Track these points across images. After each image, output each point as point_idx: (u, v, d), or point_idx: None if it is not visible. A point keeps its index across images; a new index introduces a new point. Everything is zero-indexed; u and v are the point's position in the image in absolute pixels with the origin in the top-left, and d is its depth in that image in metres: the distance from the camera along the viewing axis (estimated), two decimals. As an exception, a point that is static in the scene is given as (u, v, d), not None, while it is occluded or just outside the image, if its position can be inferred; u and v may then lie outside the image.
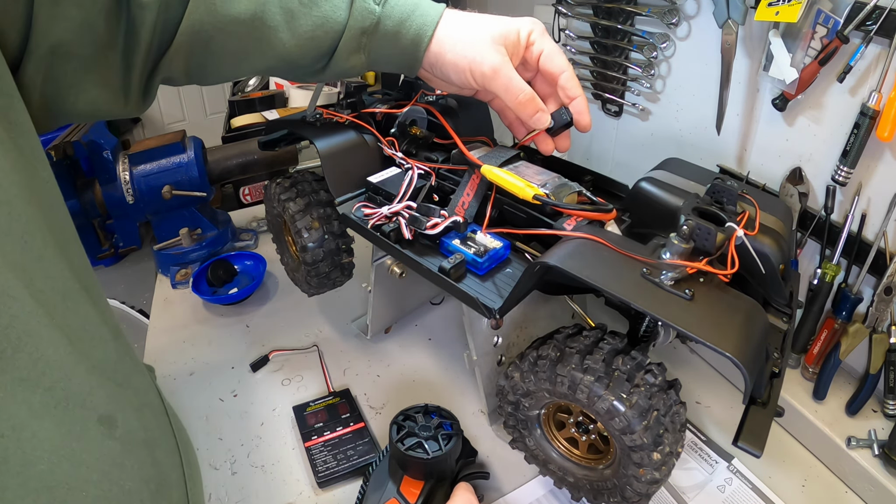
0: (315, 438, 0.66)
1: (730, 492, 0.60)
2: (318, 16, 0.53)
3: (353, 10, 0.54)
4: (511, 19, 0.57)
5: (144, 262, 1.09)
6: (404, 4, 0.55)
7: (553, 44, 0.58)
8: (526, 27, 0.56)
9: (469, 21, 0.56)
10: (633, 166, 0.86)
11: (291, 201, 0.68)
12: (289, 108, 1.30)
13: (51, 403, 0.32)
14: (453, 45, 0.55)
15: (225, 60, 0.53)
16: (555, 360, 0.49)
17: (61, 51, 0.42)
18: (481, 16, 0.57)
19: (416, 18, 0.55)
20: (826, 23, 0.54)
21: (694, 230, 0.45)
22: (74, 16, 0.42)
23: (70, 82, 0.45)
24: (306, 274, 0.72)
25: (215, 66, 0.53)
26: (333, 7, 0.53)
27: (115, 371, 0.39)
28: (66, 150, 0.93)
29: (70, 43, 0.42)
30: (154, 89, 0.52)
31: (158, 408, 0.47)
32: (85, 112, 0.47)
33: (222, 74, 0.56)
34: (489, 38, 0.55)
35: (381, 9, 0.55)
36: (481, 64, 0.54)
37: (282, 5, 0.51)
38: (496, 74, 0.54)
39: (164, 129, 1.67)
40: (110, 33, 0.45)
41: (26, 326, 0.31)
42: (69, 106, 0.46)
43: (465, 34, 0.55)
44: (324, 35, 0.54)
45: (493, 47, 0.54)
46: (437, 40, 0.56)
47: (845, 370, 0.68)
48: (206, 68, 0.53)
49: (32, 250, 0.34)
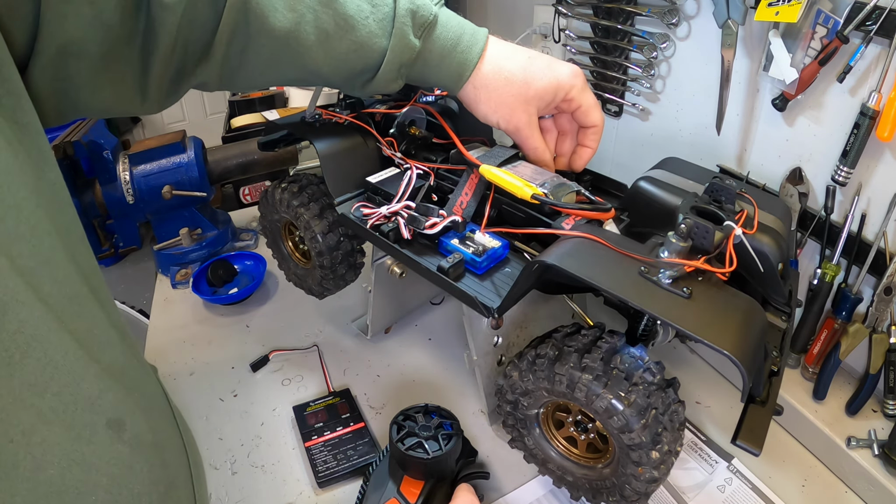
0: (315, 438, 0.66)
1: (730, 492, 0.60)
2: (354, 41, 0.52)
3: (392, 42, 0.52)
4: (553, 70, 0.55)
5: (144, 262, 1.09)
6: (446, 39, 0.54)
7: (591, 98, 0.58)
8: (565, 87, 0.56)
9: (509, 68, 0.55)
10: (632, 166, 0.86)
11: (304, 207, 0.68)
12: (289, 109, 1.30)
13: (59, 408, 0.32)
14: (488, 97, 0.56)
15: (258, 69, 0.52)
16: (553, 358, 0.49)
17: (73, 49, 0.41)
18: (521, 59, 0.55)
19: (456, 56, 0.54)
20: (826, 23, 0.54)
21: (692, 229, 0.45)
22: (86, 13, 0.40)
23: (82, 80, 0.43)
24: (321, 278, 0.72)
25: (248, 73, 0.52)
26: (370, 34, 0.52)
27: (123, 374, 0.39)
28: (66, 150, 0.94)
29: (81, 41, 0.41)
30: (182, 91, 0.51)
31: (165, 409, 0.47)
32: (98, 109, 0.47)
33: (255, 82, 0.55)
34: (523, 99, 0.55)
35: (421, 43, 0.53)
36: (508, 122, 0.57)
37: (317, 25, 0.50)
38: (518, 132, 0.58)
39: (164, 129, 1.67)
40: (127, 32, 0.43)
41: (34, 331, 0.31)
42: (82, 103, 0.45)
43: (501, 88, 0.55)
44: (357, 59, 0.53)
45: (524, 108, 0.56)
46: (474, 86, 0.56)
47: (845, 370, 0.68)
48: (239, 75, 0.52)
49: (40, 254, 0.34)
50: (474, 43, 0.55)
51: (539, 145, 0.58)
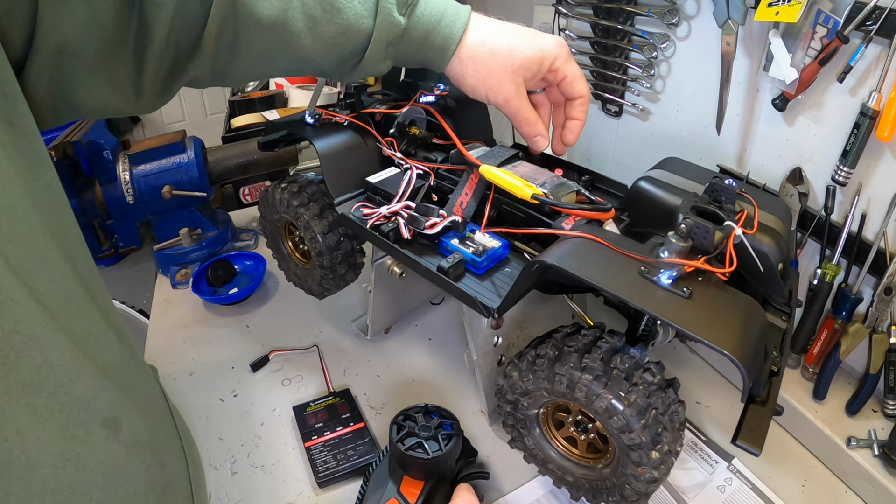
0: (315, 438, 0.66)
1: (730, 492, 0.60)
2: (341, 23, 0.52)
3: (377, 21, 0.53)
4: (536, 41, 0.56)
5: (144, 262, 1.09)
6: (430, 14, 0.55)
7: (576, 69, 0.58)
8: (550, 56, 0.56)
9: (493, 40, 0.56)
10: (632, 166, 0.86)
11: (304, 207, 0.68)
12: (289, 109, 1.30)
13: (55, 407, 0.32)
14: (475, 70, 0.56)
15: (249, 61, 0.53)
16: (553, 358, 0.49)
17: (69, 49, 0.41)
18: (505, 31, 0.56)
19: (441, 30, 0.55)
20: (826, 23, 0.54)
21: (692, 229, 0.45)
22: (81, 14, 0.41)
23: (78, 80, 0.44)
24: (322, 278, 0.72)
25: (239, 66, 0.53)
26: (357, 15, 0.52)
27: (120, 374, 0.39)
28: (66, 150, 0.94)
29: (77, 41, 0.42)
30: (175, 89, 0.51)
31: (163, 409, 0.47)
32: (94, 109, 0.47)
33: (247, 74, 0.55)
34: (510, 69, 0.55)
35: (406, 20, 0.54)
36: (496, 94, 0.57)
37: (304, 11, 0.51)
38: (507, 103, 0.57)
39: (164, 129, 1.66)
40: (121, 31, 0.44)
41: (30, 331, 0.31)
42: (78, 103, 0.45)
43: (487, 59, 0.55)
44: (346, 42, 0.53)
45: (511, 78, 0.56)
46: (460, 59, 0.56)
47: (845, 370, 0.68)
48: (231, 68, 0.52)
49: (36, 254, 0.34)
50: (458, 17, 0.55)
51: (530, 115, 0.58)
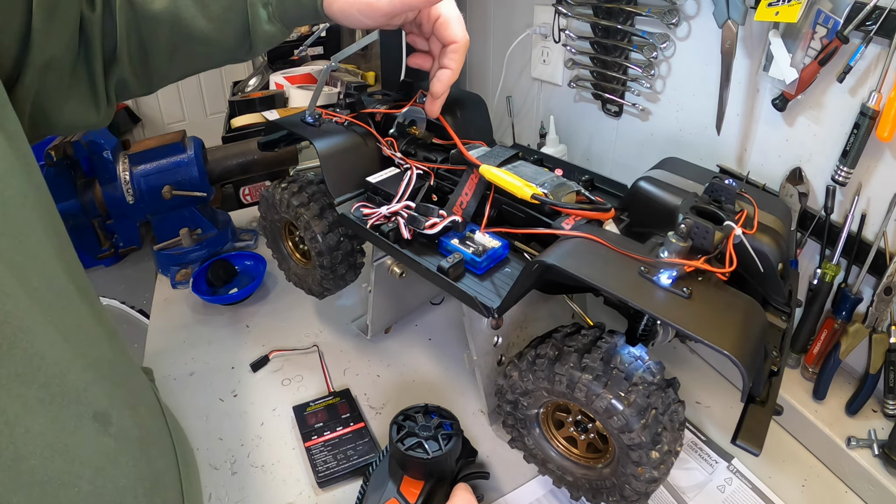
0: (315, 438, 0.66)
1: (730, 492, 0.60)
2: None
3: None
4: None
5: (144, 262, 1.09)
6: None
7: (453, 10, 0.57)
8: None
9: None
10: (632, 166, 0.86)
11: (304, 207, 0.68)
12: (289, 109, 1.30)
13: (45, 399, 0.32)
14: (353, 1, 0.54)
15: (162, 58, 0.55)
16: (553, 358, 0.49)
17: (53, 65, 0.46)
18: None
19: None
20: (826, 23, 0.54)
21: (692, 228, 0.45)
22: (63, 32, 0.46)
23: (58, 94, 0.48)
24: (322, 278, 0.72)
25: (154, 63, 0.55)
26: None
27: (111, 370, 0.40)
28: (66, 150, 0.94)
29: (60, 58, 0.47)
30: (117, 98, 0.55)
31: (154, 408, 0.47)
32: (68, 123, 0.51)
33: (166, 74, 0.57)
34: None
35: None
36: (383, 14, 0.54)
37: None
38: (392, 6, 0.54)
39: (164, 129, 1.66)
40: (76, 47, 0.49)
41: (21, 322, 0.32)
42: (54, 117, 0.50)
43: None
44: (235, 15, 0.55)
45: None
46: None
47: (845, 370, 0.68)
48: (149, 67, 0.55)
49: (28, 249, 0.35)
50: None
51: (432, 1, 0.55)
